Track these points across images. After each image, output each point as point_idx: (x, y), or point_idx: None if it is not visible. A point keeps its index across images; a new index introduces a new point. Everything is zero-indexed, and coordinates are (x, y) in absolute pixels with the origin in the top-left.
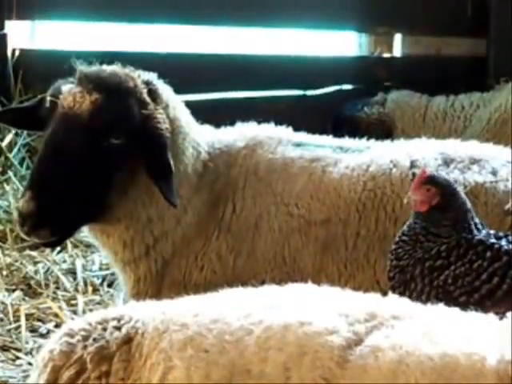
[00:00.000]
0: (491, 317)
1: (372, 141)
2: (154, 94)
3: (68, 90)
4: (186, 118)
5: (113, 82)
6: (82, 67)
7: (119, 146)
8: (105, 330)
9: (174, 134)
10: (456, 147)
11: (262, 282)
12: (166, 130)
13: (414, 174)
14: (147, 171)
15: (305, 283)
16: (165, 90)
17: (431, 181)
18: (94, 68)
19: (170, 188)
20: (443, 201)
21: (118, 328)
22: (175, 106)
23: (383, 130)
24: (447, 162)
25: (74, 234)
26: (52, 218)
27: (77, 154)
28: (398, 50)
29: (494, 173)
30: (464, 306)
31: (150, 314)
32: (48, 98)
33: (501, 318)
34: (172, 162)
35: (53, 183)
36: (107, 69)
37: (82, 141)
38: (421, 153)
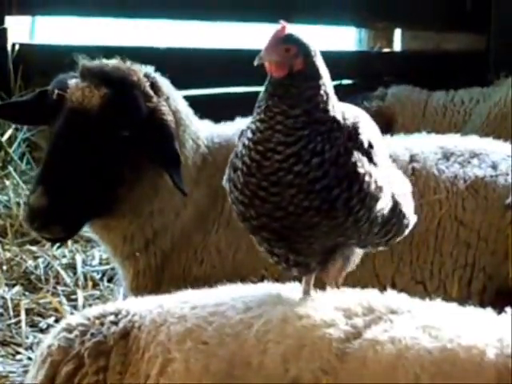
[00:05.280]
0: (489, 311)
1: None
2: (155, 86)
3: (75, 85)
4: (185, 111)
5: (117, 75)
6: (83, 61)
7: (128, 139)
8: (102, 324)
9: (176, 126)
10: (456, 141)
11: (262, 277)
12: (171, 122)
13: (413, 169)
14: (157, 163)
15: None
16: (164, 83)
17: (291, 39)
18: (96, 62)
19: (180, 177)
20: (307, 65)
21: (116, 323)
22: (175, 98)
23: (383, 123)
24: (447, 156)
25: (80, 230)
26: (64, 214)
27: (87, 149)
28: (397, 45)
29: (494, 167)
30: None
31: (146, 307)
32: (56, 92)
33: (499, 313)
34: (180, 152)
35: (64, 178)
36: (109, 63)
37: (93, 135)
38: (420, 147)
